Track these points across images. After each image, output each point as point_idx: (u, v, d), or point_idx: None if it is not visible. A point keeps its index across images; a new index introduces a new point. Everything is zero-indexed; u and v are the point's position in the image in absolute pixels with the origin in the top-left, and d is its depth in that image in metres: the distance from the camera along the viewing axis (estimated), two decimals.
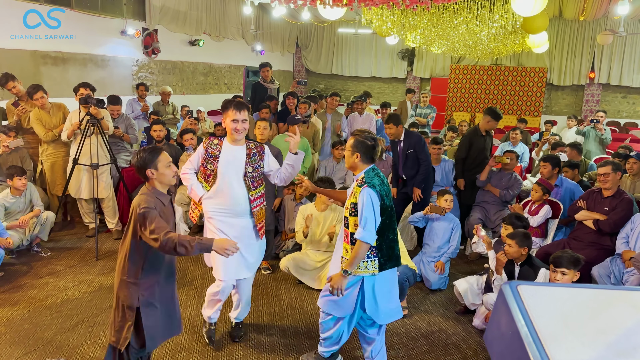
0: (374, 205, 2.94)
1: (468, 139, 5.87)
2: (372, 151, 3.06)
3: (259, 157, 3.46)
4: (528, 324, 0.78)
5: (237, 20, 13.30)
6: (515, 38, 10.42)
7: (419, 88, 16.28)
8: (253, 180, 3.41)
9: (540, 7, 5.96)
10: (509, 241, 3.77)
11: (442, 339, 3.87)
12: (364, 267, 3.01)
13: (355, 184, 3.06)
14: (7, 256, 4.88)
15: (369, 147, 3.06)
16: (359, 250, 2.93)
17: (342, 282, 2.98)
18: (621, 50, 13.69)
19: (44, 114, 5.68)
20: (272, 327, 3.94)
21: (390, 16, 9.12)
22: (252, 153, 3.43)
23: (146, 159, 2.75)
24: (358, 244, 2.93)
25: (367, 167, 3.07)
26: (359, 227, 2.94)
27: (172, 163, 2.84)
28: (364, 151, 3.05)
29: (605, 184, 4.43)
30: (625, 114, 14.24)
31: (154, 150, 2.82)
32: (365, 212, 2.92)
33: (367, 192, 2.93)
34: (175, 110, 8.61)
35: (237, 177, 3.37)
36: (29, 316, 3.97)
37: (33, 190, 5.27)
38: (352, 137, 3.12)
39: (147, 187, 2.79)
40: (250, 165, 3.40)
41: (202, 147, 3.49)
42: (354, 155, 3.06)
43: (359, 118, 7.66)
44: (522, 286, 0.86)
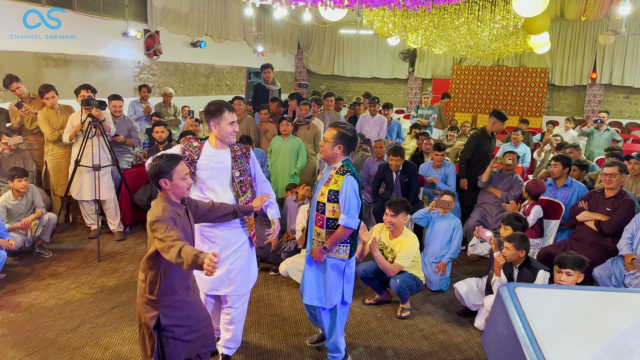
0: (356, 192, 3.10)
1: (475, 141, 5.88)
2: (354, 143, 3.19)
3: (245, 159, 3.23)
4: (525, 325, 0.79)
5: (238, 21, 13.32)
6: (517, 39, 10.42)
7: (420, 89, 16.28)
8: (241, 185, 3.16)
9: (542, 8, 5.96)
10: (506, 244, 3.77)
11: (444, 340, 3.86)
12: (335, 250, 3.18)
13: (334, 172, 3.14)
14: (9, 258, 4.89)
15: (352, 140, 3.17)
16: (340, 234, 3.10)
17: (322, 255, 3.17)
18: (623, 50, 13.67)
19: (52, 114, 5.72)
20: (274, 329, 3.95)
21: (392, 17, 9.12)
22: (238, 155, 3.18)
23: (161, 168, 2.54)
24: (341, 229, 3.08)
25: (344, 158, 3.18)
26: (342, 213, 3.07)
27: (188, 175, 2.64)
28: (347, 143, 3.15)
29: (610, 184, 4.42)
30: (628, 115, 14.22)
31: (172, 159, 2.59)
32: (349, 199, 3.05)
33: (350, 180, 3.08)
34: (176, 111, 8.63)
35: (222, 184, 3.12)
36: (31, 318, 3.98)
37: (35, 192, 5.28)
38: (333, 129, 3.16)
39: (160, 197, 2.62)
40: (237, 169, 3.14)
41: (179, 147, 3.18)
42: (336, 147, 3.13)
43: (371, 120, 7.65)
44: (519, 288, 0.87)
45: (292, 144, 6.21)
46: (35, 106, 5.94)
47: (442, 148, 6.08)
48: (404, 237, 4.18)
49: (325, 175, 3.20)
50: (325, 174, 3.21)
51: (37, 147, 6.04)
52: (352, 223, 3.07)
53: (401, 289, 4.07)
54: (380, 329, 3.99)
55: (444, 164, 6.10)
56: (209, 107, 3.13)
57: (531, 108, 14.45)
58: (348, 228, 3.07)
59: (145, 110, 8.03)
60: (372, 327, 4.02)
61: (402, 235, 4.19)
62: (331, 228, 3.13)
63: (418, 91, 16.27)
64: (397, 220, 4.09)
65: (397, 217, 4.08)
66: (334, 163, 3.18)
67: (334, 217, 3.12)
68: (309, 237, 3.30)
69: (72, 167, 5.51)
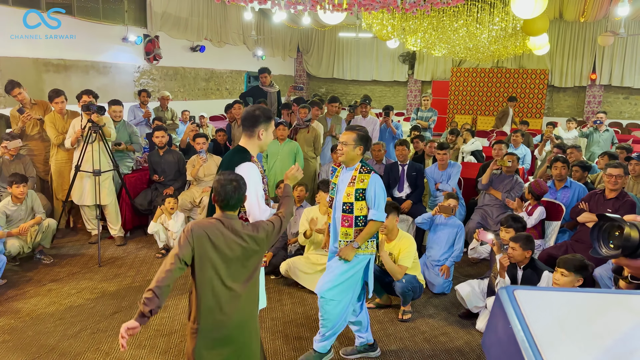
0: (383, 187, 3.28)
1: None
2: (370, 143, 3.41)
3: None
4: (524, 328, 0.78)
5: (238, 25, 13.35)
6: (516, 40, 10.44)
7: (420, 91, 16.30)
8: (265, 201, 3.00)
9: (540, 10, 5.97)
10: (512, 244, 3.76)
11: (446, 343, 3.85)
12: (364, 247, 3.30)
13: (355, 172, 3.27)
14: (9, 263, 4.89)
15: (369, 140, 3.42)
16: (371, 229, 3.25)
17: (352, 252, 3.25)
18: (622, 51, 13.69)
19: (59, 119, 5.74)
20: (275, 332, 3.94)
21: (391, 20, 9.15)
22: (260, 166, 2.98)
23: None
24: (371, 224, 3.24)
25: (361, 159, 3.34)
26: (372, 209, 3.23)
27: None
28: (365, 144, 3.31)
29: (615, 185, 4.41)
30: (628, 115, 14.23)
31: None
32: (377, 194, 3.22)
33: (376, 177, 3.25)
34: (174, 115, 8.65)
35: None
36: (32, 323, 3.97)
37: (35, 197, 5.28)
38: (352, 132, 3.29)
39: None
40: (265, 184, 2.94)
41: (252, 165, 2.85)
42: (357, 148, 3.27)
43: (363, 122, 7.67)
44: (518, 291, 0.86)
45: (290, 148, 6.21)
46: (37, 112, 5.96)
47: (446, 147, 6.02)
48: (400, 239, 4.20)
49: (345, 177, 3.32)
50: (344, 176, 3.34)
51: (38, 153, 6.05)
52: (382, 217, 3.25)
53: (406, 290, 4.06)
54: (381, 332, 3.98)
55: (449, 163, 6.04)
56: (257, 113, 2.86)
57: (531, 109, 14.46)
58: (378, 222, 3.24)
59: (145, 115, 8.04)
60: (374, 330, 4.00)
61: (398, 238, 4.21)
62: (359, 226, 3.26)
63: (418, 93, 16.29)
64: (389, 222, 4.10)
65: (388, 218, 4.09)
66: (353, 164, 3.31)
67: (362, 214, 3.25)
68: (332, 240, 3.41)
69: (72, 172, 5.52)
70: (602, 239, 1.08)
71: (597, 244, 1.09)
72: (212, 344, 2.41)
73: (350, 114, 8.49)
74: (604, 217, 1.10)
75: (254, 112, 2.87)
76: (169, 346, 3.68)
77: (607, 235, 1.09)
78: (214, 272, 2.36)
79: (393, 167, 5.94)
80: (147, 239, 6.00)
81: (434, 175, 6.05)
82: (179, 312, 4.19)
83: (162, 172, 6.16)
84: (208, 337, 2.39)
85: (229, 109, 7.69)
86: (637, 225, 1.04)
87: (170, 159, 6.23)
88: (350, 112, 8.97)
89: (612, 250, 1.07)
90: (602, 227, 1.10)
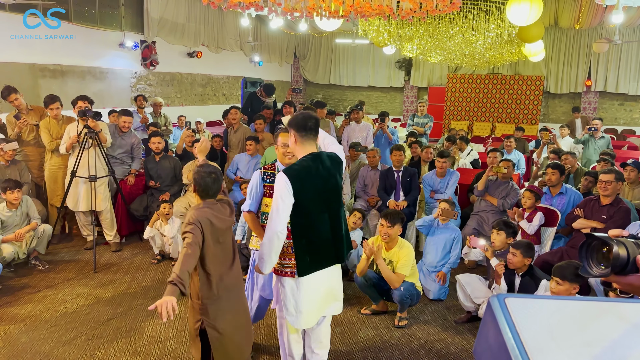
0: (259, 184, 3.27)
1: None
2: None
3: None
4: (515, 336, 0.79)
5: (235, 31, 13.39)
6: (512, 47, 10.50)
7: (416, 97, 16.36)
8: None
9: (535, 17, 6.01)
10: (513, 250, 3.76)
11: (442, 349, 3.85)
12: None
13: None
14: (4, 269, 4.87)
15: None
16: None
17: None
18: (617, 58, 13.79)
19: (54, 124, 5.74)
20: (272, 338, 3.93)
21: (387, 27, 9.19)
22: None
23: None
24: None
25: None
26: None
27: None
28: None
29: (605, 191, 4.43)
30: (623, 121, 14.31)
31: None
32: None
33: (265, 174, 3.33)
34: (167, 121, 8.65)
35: None
36: (26, 330, 3.95)
37: (30, 203, 5.26)
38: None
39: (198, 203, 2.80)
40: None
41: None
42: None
43: (357, 127, 7.71)
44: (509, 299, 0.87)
45: None
46: (33, 117, 5.95)
47: (446, 155, 6.03)
48: (400, 248, 4.18)
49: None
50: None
51: (34, 159, 6.04)
52: (246, 207, 3.26)
53: (404, 297, 4.06)
54: (377, 339, 3.98)
55: (447, 171, 6.05)
56: (309, 123, 2.80)
57: (527, 115, 14.53)
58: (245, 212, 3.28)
59: (143, 120, 8.04)
60: (370, 337, 4.01)
61: (397, 246, 4.19)
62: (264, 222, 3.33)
63: (414, 99, 16.35)
64: (393, 231, 4.10)
65: (394, 228, 4.09)
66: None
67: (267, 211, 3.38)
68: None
69: (68, 178, 5.51)
70: (591, 258, 1.09)
71: (587, 264, 1.09)
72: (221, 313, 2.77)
73: (346, 119, 8.52)
74: (591, 236, 1.11)
75: (304, 121, 2.80)
76: (164, 353, 3.66)
77: (595, 254, 1.09)
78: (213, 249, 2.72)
79: (389, 174, 5.94)
80: (143, 245, 5.98)
81: (432, 183, 6.05)
82: (174, 319, 4.16)
83: (158, 178, 6.15)
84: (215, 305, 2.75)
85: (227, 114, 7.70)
86: (624, 242, 1.05)
87: (166, 165, 6.22)
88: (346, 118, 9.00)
89: (602, 269, 1.07)
90: (590, 245, 1.10)
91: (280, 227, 2.65)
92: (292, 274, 2.83)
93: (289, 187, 2.64)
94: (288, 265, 2.84)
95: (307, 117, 2.79)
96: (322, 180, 2.80)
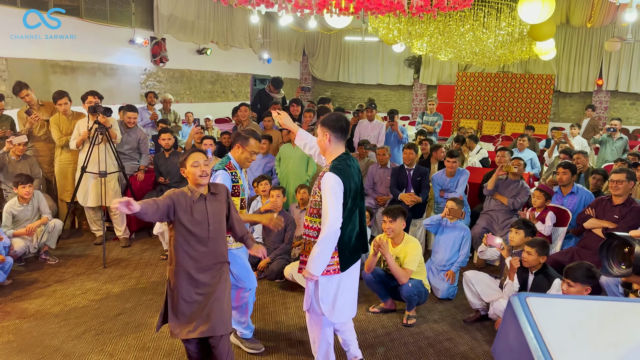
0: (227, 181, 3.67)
1: None
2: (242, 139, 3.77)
3: None
4: (537, 336, 0.77)
5: (244, 29, 13.39)
6: (522, 45, 10.41)
7: (425, 95, 16.29)
8: None
9: (547, 15, 5.96)
10: (528, 248, 3.73)
11: (450, 348, 3.83)
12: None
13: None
14: (15, 264, 4.90)
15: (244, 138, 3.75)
16: None
17: None
18: (629, 57, 13.64)
19: (64, 120, 5.76)
20: (279, 335, 3.93)
21: (397, 24, 9.14)
22: None
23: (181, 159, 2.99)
24: None
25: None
26: None
27: (200, 163, 2.87)
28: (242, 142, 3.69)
29: (617, 190, 4.38)
30: (634, 121, 14.16)
31: (189, 150, 3.03)
32: None
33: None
34: (176, 118, 8.66)
35: None
36: (36, 324, 3.98)
37: (41, 198, 5.30)
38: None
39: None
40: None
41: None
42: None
43: (369, 125, 7.66)
44: (531, 298, 0.85)
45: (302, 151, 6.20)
46: (44, 113, 5.99)
47: (456, 154, 5.97)
48: (406, 243, 4.16)
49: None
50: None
51: (44, 154, 6.07)
52: None
53: (412, 294, 4.04)
54: (386, 337, 3.96)
55: (457, 171, 6.01)
56: (343, 124, 2.98)
57: (537, 114, 14.42)
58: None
59: (152, 117, 8.06)
60: (378, 335, 3.99)
61: (404, 242, 4.17)
62: None
63: (423, 98, 16.28)
64: (396, 225, 4.08)
65: (396, 222, 4.07)
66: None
67: None
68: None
69: (78, 174, 5.54)
70: (612, 258, 1.06)
71: (607, 263, 1.06)
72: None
73: (355, 117, 8.48)
74: (612, 235, 1.08)
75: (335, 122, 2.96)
76: (172, 348, 3.67)
77: (616, 254, 1.06)
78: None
79: (401, 171, 5.95)
80: (152, 241, 6.01)
81: (441, 182, 6.01)
82: None
83: (168, 174, 6.17)
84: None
85: (236, 112, 7.71)
86: None
87: (175, 161, 6.23)
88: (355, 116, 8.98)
89: (623, 269, 1.04)
90: (611, 245, 1.07)
91: (338, 224, 2.80)
92: (336, 270, 2.93)
93: (341, 185, 2.81)
94: (331, 263, 2.92)
95: (340, 119, 2.96)
96: (356, 178, 2.98)
